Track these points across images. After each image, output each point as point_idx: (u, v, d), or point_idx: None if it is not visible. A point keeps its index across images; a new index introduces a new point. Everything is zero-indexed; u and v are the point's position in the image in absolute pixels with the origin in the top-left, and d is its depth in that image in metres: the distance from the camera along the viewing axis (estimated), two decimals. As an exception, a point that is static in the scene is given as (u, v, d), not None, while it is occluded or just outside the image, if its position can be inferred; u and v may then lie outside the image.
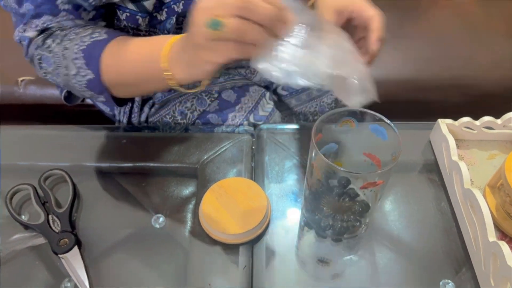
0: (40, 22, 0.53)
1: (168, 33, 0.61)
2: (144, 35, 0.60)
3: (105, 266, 0.54)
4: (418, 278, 0.54)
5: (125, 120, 0.74)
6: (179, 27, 0.64)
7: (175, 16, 0.60)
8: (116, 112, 0.76)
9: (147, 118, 0.75)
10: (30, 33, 0.53)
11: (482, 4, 1.25)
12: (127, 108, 0.74)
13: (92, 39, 0.51)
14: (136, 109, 0.73)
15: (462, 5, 1.25)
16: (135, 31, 0.60)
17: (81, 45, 0.51)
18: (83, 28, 0.53)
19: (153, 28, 0.61)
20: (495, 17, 1.22)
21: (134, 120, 0.74)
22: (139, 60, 0.50)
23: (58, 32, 0.53)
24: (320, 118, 0.50)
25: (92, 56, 0.50)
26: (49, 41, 0.53)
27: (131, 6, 0.56)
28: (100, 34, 0.52)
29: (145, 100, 0.74)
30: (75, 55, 0.51)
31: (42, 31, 0.53)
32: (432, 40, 1.14)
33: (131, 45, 0.51)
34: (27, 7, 0.52)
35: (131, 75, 0.52)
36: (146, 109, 0.74)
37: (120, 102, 0.58)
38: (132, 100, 0.72)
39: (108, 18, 0.59)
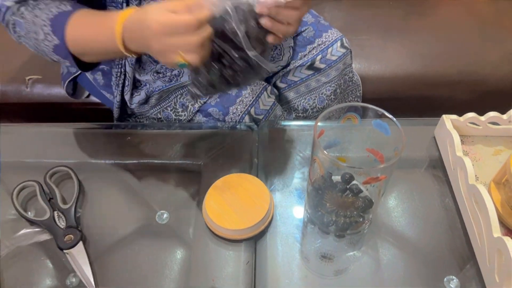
0: None
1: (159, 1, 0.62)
2: (135, 1, 0.62)
3: (110, 261, 0.55)
4: (422, 275, 0.53)
5: (118, 96, 0.74)
6: None
7: None
8: (112, 92, 0.76)
9: (146, 101, 0.75)
10: (8, 2, 0.59)
11: (489, 0, 1.24)
12: (119, 83, 0.74)
13: (58, 10, 0.58)
14: (127, 84, 0.73)
15: (470, 1, 1.24)
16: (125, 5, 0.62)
17: (49, 14, 0.57)
18: (52, 0, 0.59)
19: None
20: (503, 12, 1.20)
21: (127, 96, 0.74)
22: (94, 34, 0.57)
23: (31, 1, 0.59)
24: (323, 114, 0.50)
25: (57, 25, 0.57)
26: (22, 9, 0.59)
27: None
28: (65, 6, 0.59)
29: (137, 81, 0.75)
30: (43, 22, 0.57)
31: (19, 2, 0.58)
32: (439, 36, 1.13)
33: (89, 19, 0.58)
34: None
35: (91, 44, 0.59)
36: (142, 93, 0.74)
37: (85, 67, 0.64)
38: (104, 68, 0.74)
39: None
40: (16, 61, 1.04)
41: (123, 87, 0.74)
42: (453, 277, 0.53)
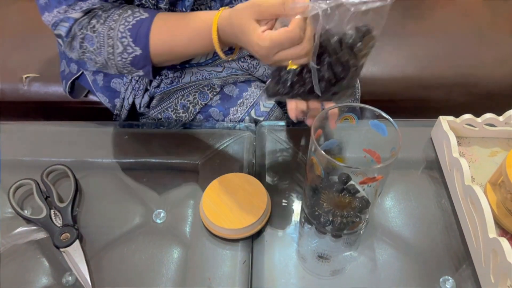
0: (85, 5, 0.56)
1: (186, 10, 0.62)
2: (164, 9, 0.61)
3: (106, 260, 0.55)
4: (418, 275, 0.54)
5: (131, 98, 0.74)
6: (196, 5, 0.65)
7: None
8: (118, 101, 0.76)
9: (148, 104, 0.75)
10: (75, 14, 0.56)
11: (486, 3, 1.24)
12: (135, 86, 0.74)
13: (136, 18, 0.56)
14: (141, 88, 0.73)
15: (466, 3, 1.25)
16: (155, 8, 0.61)
17: (126, 25, 0.56)
18: (122, 9, 0.58)
19: (172, 6, 0.62)
20: (499, 15, 1.21)
21: (138, 99, 0.74)
22: (190, 34, 0.57)
23: (101, 13, 0.57)
24: (320, 114, 0.50)
25: (139, 34, 0.56)
26: (93, 22, 0.57)
27: None
28: (141, 13, 0.57)
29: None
30: (122, 34, 0.56)
31: (86, 12, 0.57)
32: (435, 38, 1.13)
33: (179, 20, 0.57)
34: None
35: (182, 48, 0.58)
36: (146, 95, 0.74)
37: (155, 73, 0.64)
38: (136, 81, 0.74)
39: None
40: (13, 59, 1.03)
41: (135, 90, 0.74)
42: (449, 277, 0.53)
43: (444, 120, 0.64)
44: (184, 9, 0.62)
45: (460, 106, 1.08)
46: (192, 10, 0.65)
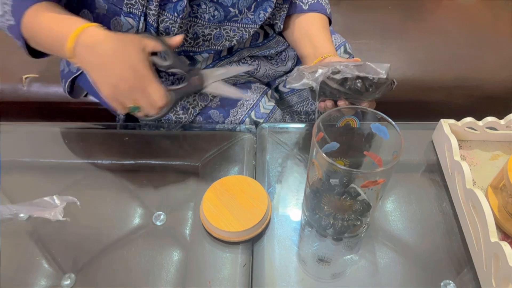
0: None
1: (178, 16, 0.62)
2: (153, 15, 0.61)
3: (106, 262, 0.54)
4: (419, 279, 0.53)
5: None
6: (191, 18, 0.65)
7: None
8: None
9: None
10: None
11: (487, 6, 1.25)
12: None
13: None
14: None
15: (467, 6, 1.25)
16: (144, 9, 0.61)
17: None
18: None
19: (162, 9, 0.62)
20: (500, 18, 1.21)
21: None
22: (49, 34, 0.58)
23: None
24: (322, 117, 0.50)
25: (18, 7, 0.58)
26: None
27: None
28: None
29: None
30: (6, 0, 0.58)
31: None
32: (436, 41, 1.13)
33: (50, 15, 0.58)
34: None
35: (42, 42, 0.60)
36: None
37: (36, 53, 0.64)
38: None
39: None
40: (13, 59, 1.03)
41: None
42: (450, 281, 0.53)
43: (446, 123, 0.64)
44: (176, 14, 0.62)
45: (460, 109, 1.08)
46: (190, 17, 0.65)
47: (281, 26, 0.75)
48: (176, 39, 0.60)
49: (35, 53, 0.64)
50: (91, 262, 0.54)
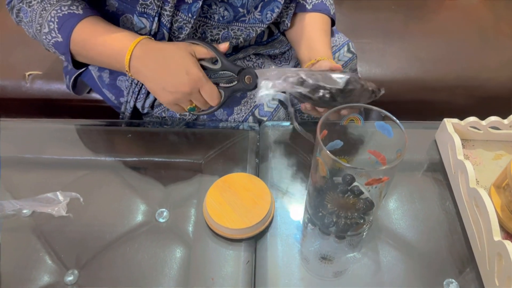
0: None
1: (192, 17, 0.63)
2: (168, 15, 0.62)
3: (109, 258, 0.54)
4: (422, 277, 0.53)
5: (132, 102, 0.74)
6: (201, 18, 0.65)
7: (202, 0, 0.62)
8: (123, 100, 0.76)
9: (152, 104, 0.75)
10: None
11: (489, 5, 1.25)
12: (135, 90, 0.74)
13: (69, 11, 0.59)
14: (143, 92, 0.74)
15: (470, 6, 1.25)
16: (159, 10, 0.62)
17: (58, 12, 0.59)
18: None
19: (177, 10, 0.62)
20: (503, 18, 1.21)
21: (139, 103, 0.74)
22: (103, 51, 0.60)
23: None
24: (326, 115, 0.50)
25: (65, 25, 0.59)
26: None
27: None
28: (77, 8, 0.60)
29: None
30: (51, 18, 0.59)
31: None
32: (438, 41, 1.13)
33: (99, 31, 0.60)
34: None
35: (96, 58, 0.62)
36: (151, 96, 0.74)
37: (79, 65, 0.66)
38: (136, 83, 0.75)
39: None
40: (16, 56, 1.03)
41: (137, 96, 0.74)
42: (453, 280, 0.53)
43: (449, 123, 0.64)
44: (190, 15, 0.62)
45: (462, 109, 1.08)
46: (200, 17, 0.65)
47: (288, 24, 0.75)
48: (224, 46, 0.62)
49: (78, 64, 0.66)
50: (94, 258, 0.54)
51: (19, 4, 0.61)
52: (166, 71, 0.58)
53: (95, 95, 0.94)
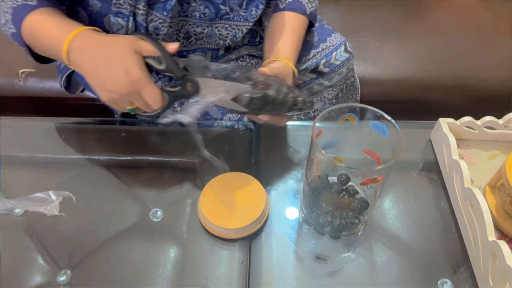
0: None
1: (167, 15, 0.61)
2: (142, 14, 0.61)
3: (102, 258, 0.54)
4: (416, 277, 0.53)
5: None
6: (182, 17, 0.64)
7: None
8: None
9: None
10: None
11: (486, 5, 1.25)
12: None
13: (24, 2, 0.58)
14: None
15: (466, 5, 1.25)
16: (133, 9, 0.61)
17: (13, 3, 0.58)
18: None
19: (151, 9, 0.61)
20: (500, 17, 1.21)
21: None
22: (46, 41, 0.58)
23: None
24: (321, 114, 0.49)
25: (17, 15, 0.58)
26: None
27: None
28: (33, 0, 0.59)
29: None
30: (7, 9, 0.58)
31: None
32: (435, 40, 1.13)
33: (46, 21, 0.58)
34: None
35: (42, 48, 0.60)
36: None
37: (42, 59, 0.64)
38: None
39: None
40: (9, 54, 1.02)
41: None
42: (447, 280, 0.53)
43: (444, 122, 0.64)
44: (165, 13, 0.61)
45: (459, 108, 1.08)
46: (180, 16, 0.64)
47: (266, 24, 0.75)
48: (173, 46, 0.57)
49: (42, 59, 0.64)
50: (87, 258, 0.54)
51: None
52: (104, 68, 0.54)
53: (89, 93, 0.93)
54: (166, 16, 0.61)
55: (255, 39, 0.78)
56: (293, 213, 0.60)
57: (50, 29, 0.57)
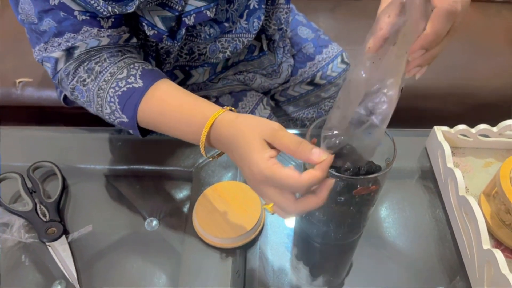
0: (63, 41, 0.52)
1: (177, 42, 0.60)
2: (151, 45, 0.60)
3: (97, 268, 0.54)
4: (412, 285, 0.53)
5: None
6: (187, 36, 0.64)
7: (185, 28, 0.59)
8: None
9: None
10: (55, 54, 0.52)
11: (481, 13, 1.26)
12: None
13: (128, 85, 0.52)
14: None
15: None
16: (154, 42, 0.60)
17: (116, 90, 0.52)
18: (117, 67, 0.53)
19: (160, 41, 0.60)
20: (495, 26, 1.22)
21: None
22: (178, 127, 0.52)
23: (93, 65, 0.53)
24: (315, 123, 0.50)
25: (127, 104, 0.52)
26: (82, 72, 0.53)
27: (156, 20, 0.55)
28: (135, 79, 0.52)
29: None
30: (111, 98, 0.52)
31: (67, 50, 0.53)
32: (430, 48, 1.14)
33: (173, 99, 0.52)
34: (49, 24, 0.51)
35: (168, 132, 0.53)
36: None
37: (146, 132, 0.58)
38: None
39: (128, 23, 0.57)
40: (6, 63, 1.03)
41: None
42: (443, 288, 0.53)
43: (439, 130, 0.64)
44: (175, 41, 0.60)
45: (454, 117, 1.08)
46: (186, 36, 0.63)
47: (287, 30, 0.74)
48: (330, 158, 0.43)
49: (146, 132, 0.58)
50: (82, 267, 0.53)
51: (71, 82, 0.54)
52: (239, 164, 0.46)
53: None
54: (176, 43, 0.61)
55: (253, 53, 0.77)
56: (288, 222, 0.60)
57: (179, 125, 0.51)
